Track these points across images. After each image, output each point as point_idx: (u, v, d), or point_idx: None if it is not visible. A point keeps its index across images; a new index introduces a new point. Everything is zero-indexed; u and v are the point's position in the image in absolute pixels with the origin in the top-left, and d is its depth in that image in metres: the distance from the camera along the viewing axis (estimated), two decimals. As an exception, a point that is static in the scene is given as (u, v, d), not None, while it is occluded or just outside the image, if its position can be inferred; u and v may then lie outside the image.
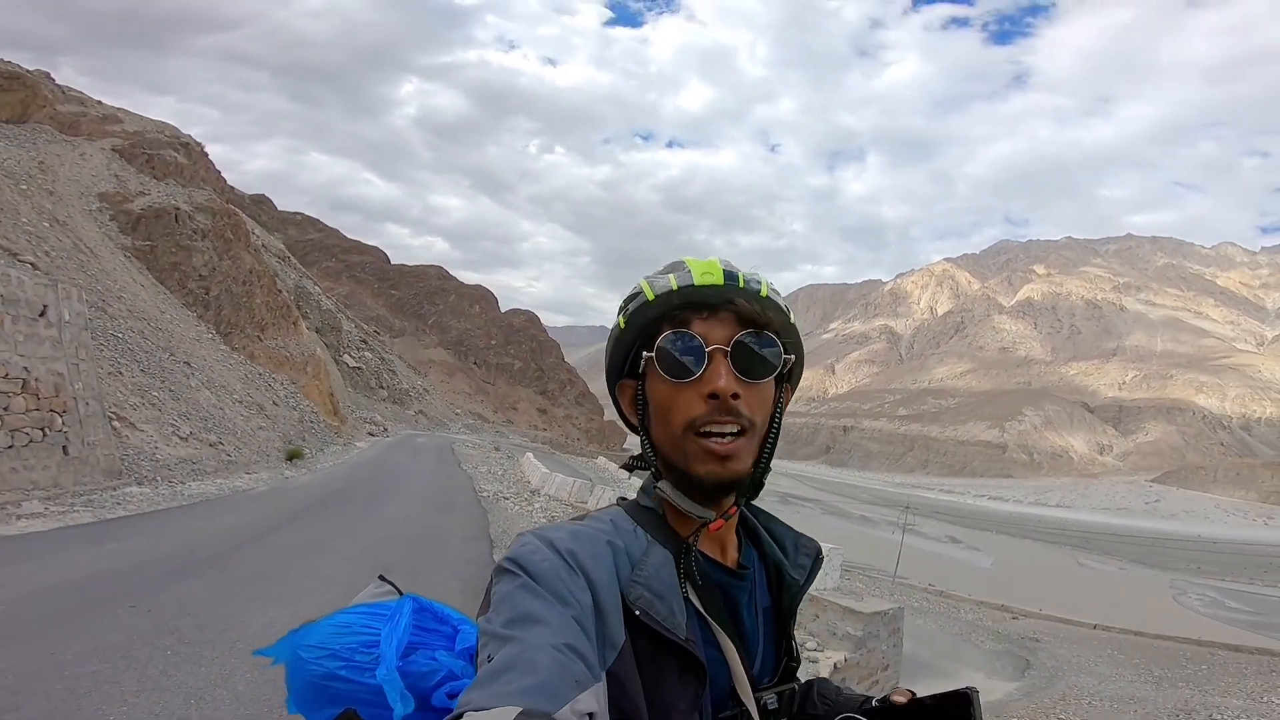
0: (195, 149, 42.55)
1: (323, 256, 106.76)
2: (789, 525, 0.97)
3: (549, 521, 0.75)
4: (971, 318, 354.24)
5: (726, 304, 0.80)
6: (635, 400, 0.86)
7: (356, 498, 15.25)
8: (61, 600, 5.60)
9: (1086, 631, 26.54)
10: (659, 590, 0.75)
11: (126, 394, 15.90)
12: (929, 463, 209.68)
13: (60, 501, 9.85)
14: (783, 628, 0.90)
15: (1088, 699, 16.64)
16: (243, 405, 23.30)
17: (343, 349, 58.80)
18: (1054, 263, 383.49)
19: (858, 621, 11.12)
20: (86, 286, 17.89)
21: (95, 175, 31.01)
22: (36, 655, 4.43)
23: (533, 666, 0.59)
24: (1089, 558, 67.00)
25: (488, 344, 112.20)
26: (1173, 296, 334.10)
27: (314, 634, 0.96)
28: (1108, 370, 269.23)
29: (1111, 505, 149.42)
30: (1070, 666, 20.38)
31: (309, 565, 8.12)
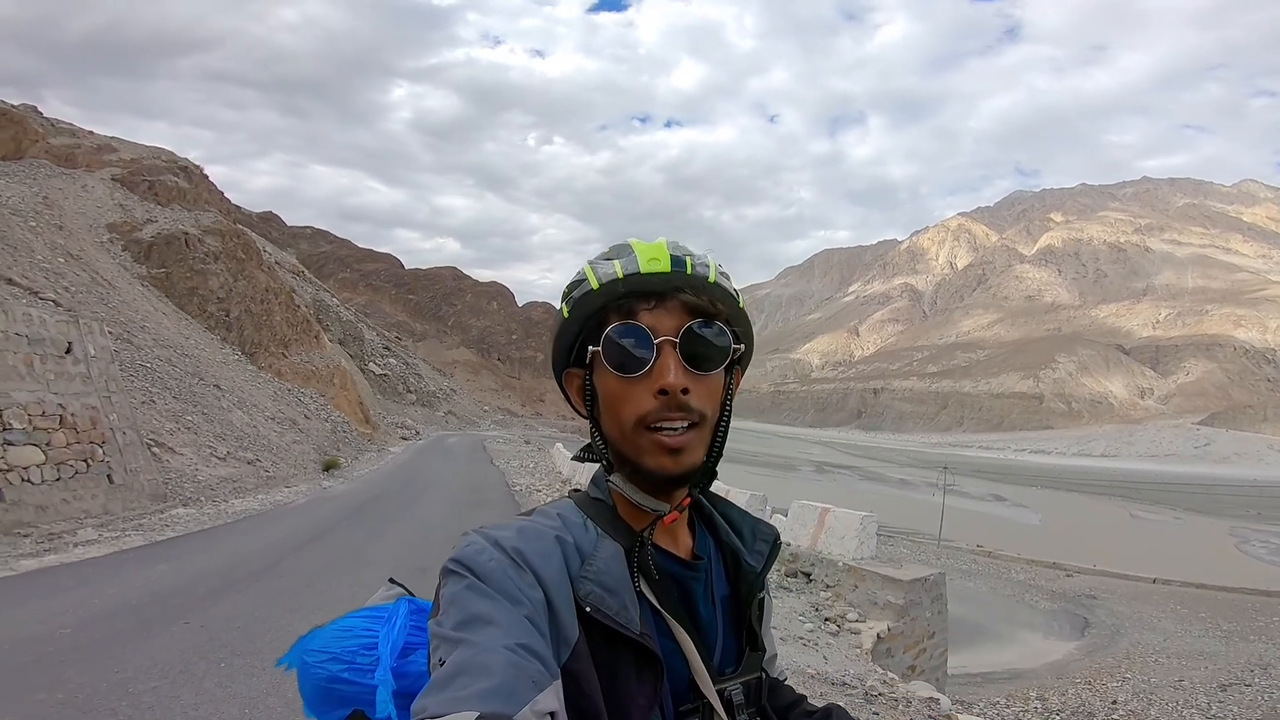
0: (195, 172, 42.79)
1: (337, 268, 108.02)
2: (745, 511, 0.94)
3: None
4: (993, 269, 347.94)
5: (674, 292, 0.77)
6: (583, 390, 0.83)
7: (392, 502, 15.50)
8: (121, 621, 5.81)
9: (1146, 586, 26.00)
10: (610, 585, 0.74)
11: (162, 420, 16.28)
12: (965, 419, 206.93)
13: (112, 527, 10.14)
14: (743, 616, 0.88)
15: (1154, 656, 16.33)
16: (275, 422, 23.75)
17: (367, 358, 59.60)
18: (1071, 209, 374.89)
19: (898, 589, 11.03)
20: (109, 319, 18.27)
21: (100, 206, 31.27)
22: (103, 674, 4.62)
23: (487, 669, 0.59)
24: (1141, 508, 65.46)
25: (509, 339, 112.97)
26: (1198, 235, 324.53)
27: (318, 639, 0.95)
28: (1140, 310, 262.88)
29: (1159, 452, 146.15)
30: (1132, 623, 20.03)
31: (349, 572, 8.27)
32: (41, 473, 9.98)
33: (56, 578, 7.28)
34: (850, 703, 6.19)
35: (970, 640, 17.00)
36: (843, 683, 6.64)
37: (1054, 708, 12.12)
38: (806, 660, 6.96)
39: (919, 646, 11.56)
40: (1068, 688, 14.01)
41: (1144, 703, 12.46)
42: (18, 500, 9.42)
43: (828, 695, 5.88)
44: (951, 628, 12.58)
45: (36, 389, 10.43)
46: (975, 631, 18.08)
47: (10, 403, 9.75)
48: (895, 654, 10.78)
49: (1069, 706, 12.24)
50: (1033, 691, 13.48)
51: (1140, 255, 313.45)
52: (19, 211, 23.85)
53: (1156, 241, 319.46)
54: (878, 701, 6.39)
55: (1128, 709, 11.96)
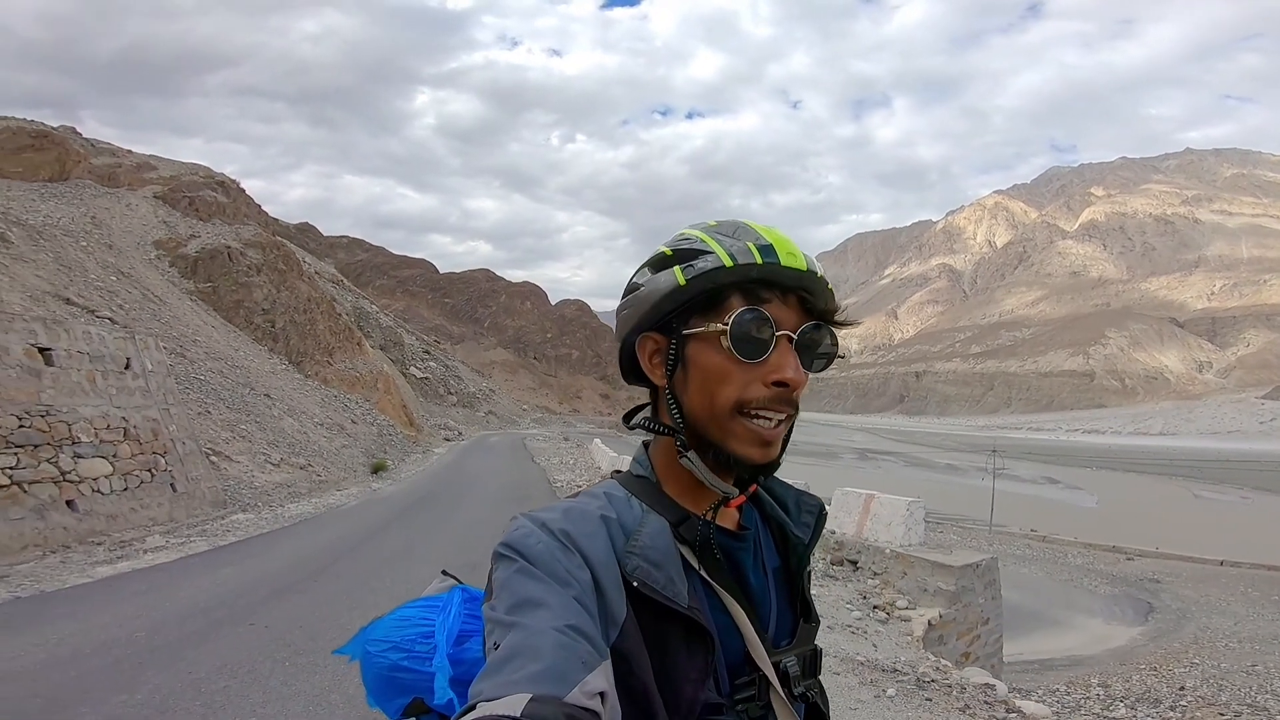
0: (232, 186, 43.63)
1: (374, 275, 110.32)
2: (789, 484, 0.94)
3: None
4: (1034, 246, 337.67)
5: (800, 289, 0.78)
6: (660, 355, 0.82)
7: (439, 502, 15.80)
8: (192, 623, 6.06)
9: (1213, 569, 24.93)
10: (655, 559, 0.74)
11: (218, 430, 16.88)
12: (1012, 400, 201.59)
13: (178, 534, 10.54)
14: (795, 588, 0.88)
15: (1224, 640, 15.67)
16: (324, 427, 24.41)
17: (408, 362, 60.75)
18: (1112, 184, 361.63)
19: (949, 576, 10.81)
20: (162, 334, 18.97)
21: (146, 224, 32.07)
22: (178, 674, 4.83)
23: (538, 652, 0.59)
24: (1204, 488, 62.74)
25: (543, 338, 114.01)
26: (1249, 205, 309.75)
27: (379, 629, 0.99)
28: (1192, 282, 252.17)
29: (1221, 428, 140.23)
30: (1199, 607, 19.26)
31: (401, 570, 8.47)
32: (110, 483, 10.44)
33: (130, 583, 7.60)
34: (901, 689, 6.11)
35: (1027, 627, 16.57)
36: (894, 669, 6.56)
37: (1117, 694, 11.75)
38: (855, 648, 6.89)
39: (973, 633, 11.32)
40: (1131, 674, 13.58)
41: (1214, 688, 11.99)
42: (90, 510, 9.88)
43: (878, 682, 5.82)
44: (1007, 614, 12.28)
45: (100, 403, 10.91)
46: (1032, 618, 17.61)
47: (78, 417, 10.22)
48: (948, 641, 10.58)
49: (1133, 693, 11.85)
50: (1094, 678, 13.10)
51: (1189, 227, 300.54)
52: (70, 232, 24.84)
53: (1205, 213, 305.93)
54: (930, 688, 6.30)
55: (1197, 695, 11.51)
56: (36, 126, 34.17)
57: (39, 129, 34.00)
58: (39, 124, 34.86)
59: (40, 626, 5.90)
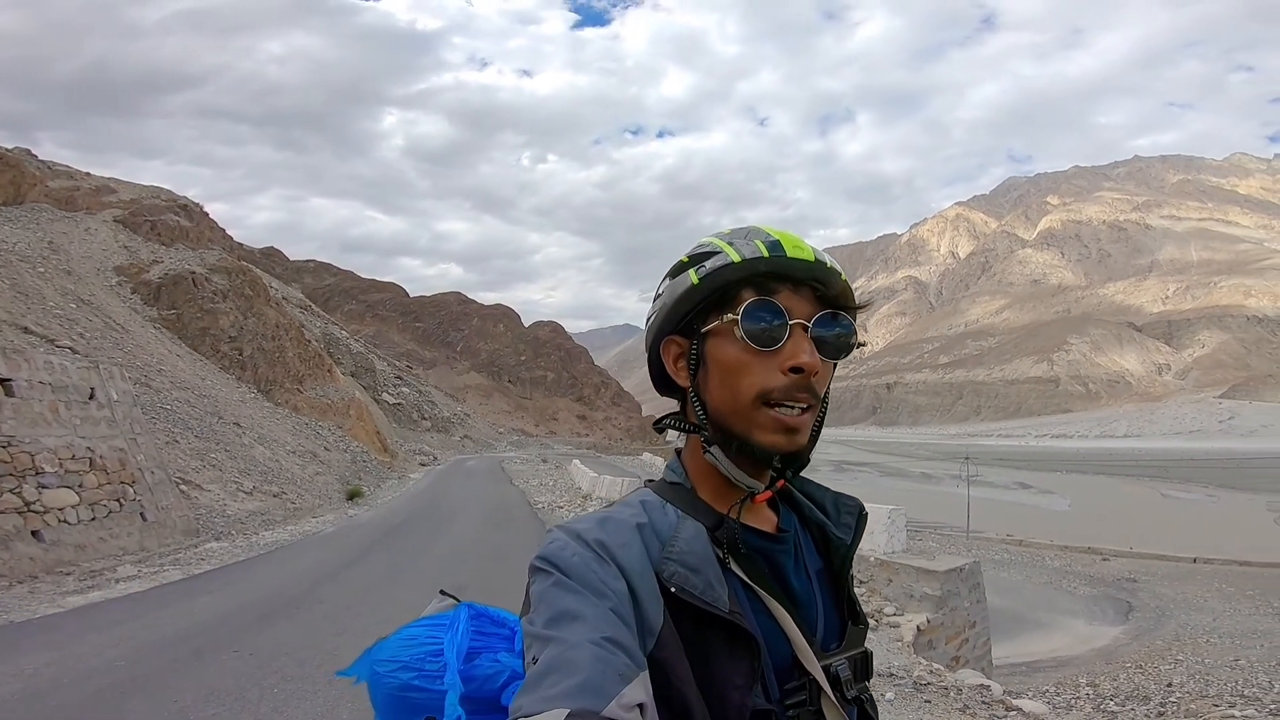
0: (195, 210, 42.76)
1: (343, 300, 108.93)
2: (825, 486, 0.93)
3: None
4: (995, 255, 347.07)
5: (812, 281, 0.78)
6: (684, 358, 0.83)
7: (419, 527, 15.51)
8: (173, 651, 5.85)
9: (1187, 566, 25.51)
10: (693, 564, 0.72)
11: (187, 459, 16.40)
12: (981, 408, 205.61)
13: (150, 563, 10.23)
14: (840, 590, 0.86)
15: (1205, 636, 15.96)
16: (296, 455, 23.87)
17: (380, 388, 59.86)
18: (1067, 192, 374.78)
19: (934, 581, 10.88)
20: (126, 363, 18.39)
21: (105, 249, 31.09)
22: (162, 703, 4.67)
23: (575, 666, 0.59)
24: (1171, 487, 64.47)
25: (518, 360, 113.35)
26: (1195, 209, 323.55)
27: (386, 649, 0.97)
28: (1147, 286, 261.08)
29: (1183, 429, 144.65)
30: (1177, 605, 19.64)
31: (386, 595, 8.28)
32: (77, 513, 10.09)
33: (104, 613, 7.34)
34: (900, 692, 6.13)
35: (1011, 630, 16.72)
36: (889, 674, 6.58)
37: (1106, 693, 11.87)
38: (848, 654, 6.91)
39: (961, 637, 11.38)
40: (1118, 672, 13.74)
41: (1201, 684, 12.18)
42: (57, 540, 9.50)
43: (875, 686, 5.80)
44: (991, 618, 12.38)
45: (64, 434, 10.54)
46: (1015, 621, 17.78)
47: (40, 448, 9.85)
48: (937, 645, 10.62)
49: (1122, 691, 11.98)
50: (1082, 678, 13.24)
51: (1141, 232, 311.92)
52: (26, 258, 23.95)
53: (1155, 218, 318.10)
54: (927, 690, 6.32)
55: (1184, 690, 11.68)
56: (-10, 149, 33.24)
57: (-8, 151, 33.06)
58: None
59: (14, 657, 5.64)
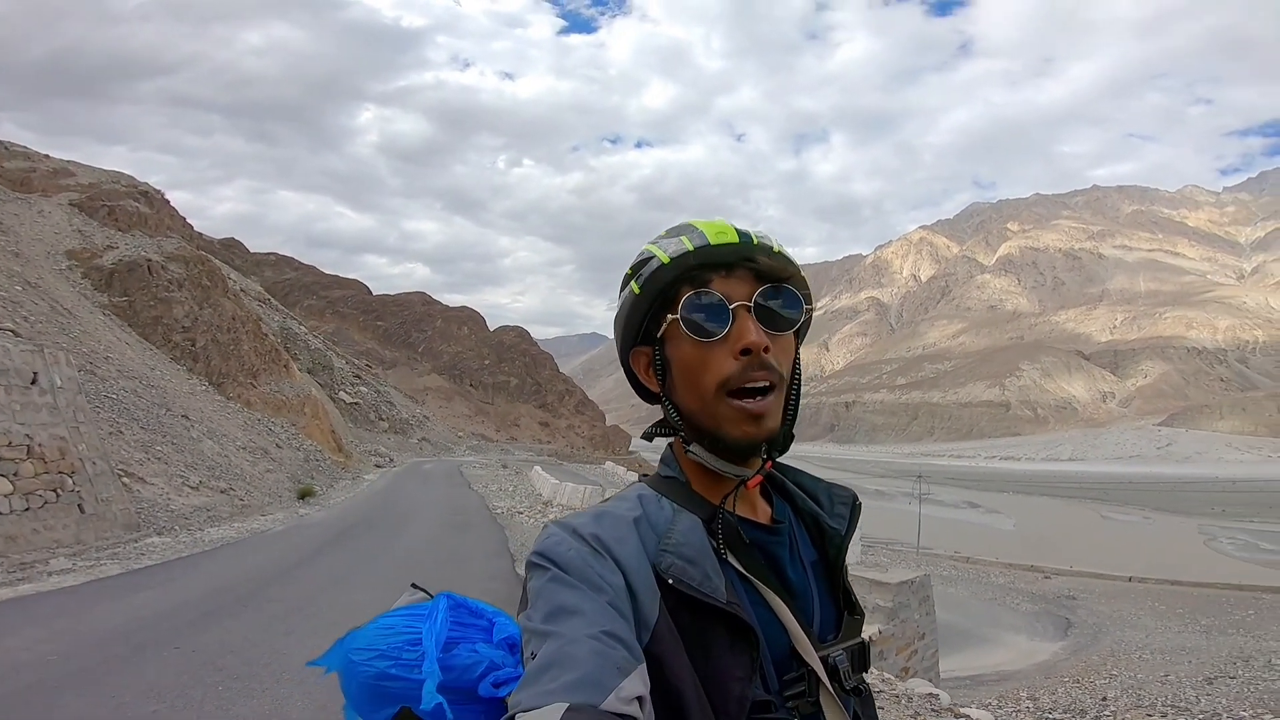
0: (156, 197, 41.49)
1: (303, 295, 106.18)
2: (818, 477, 0.93)
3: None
4: (955, 280, 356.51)
5: (744, 261, 0.79)
6: (652, 366, 0.84)
7: (374, 528, 15.17)
8: (109, 648, 5.62)
9: (1122, 585, 26.54)
10: (690, 556, 0.73)
11: (131, 451, 15.77)
12: (935, 429, 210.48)
13: (86, 557, 9.79)
14: (836, 581, 0.87)
15: (1137, 652, 16.56)
16: (247, 451, 23.15)
17: (337, 386, 58.43)
18: (1027, 219, 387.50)
19: (886, 593, 11.08)
20: (72, 349, 17.63)
21: (58, 232, 30.02)
22: (99, 699, 4.48)
23: (573, 660, 0.60)
24: (1111, 509, 66.98)
25: (481, 364, 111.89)
26: (1146, 240, 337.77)
27: (361, 638, 0.97)
28: (1096, 316, 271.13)
29: (1124, 454, 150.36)
30: (1113, 621, 20.35)
31: (338, 595, 8.06)
32: (10, 503, 9.63)
33: (36, 606, 7.02)
34: (851, 701, 6.18)
35: (957, 644, 17.12)
36: (842, 682, 6.62)
37: (1045, 707, 12.22)
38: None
39: (910, 648, 11.60)
40: (1057, 687, 14.17)
41: (1133, 698, 12.64)
42: (-15, 533, 9.04)
43: (830, 694, 5.89)
44: (938, 632, 12.66)
45: (2, 420, 10.06)
46: (961, 635, 18.22)
47: (-25, 434, 9.38)
48: (888, 656, 10.81)
49: (1060, 705, 12.35)
50: (1023, 692, 13.62)
51: (1094, 262, 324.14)
52: (-27, 239, 23.01)
53: (1108, 248, 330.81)
54: (879, 698, 6.41)
55: (1118, 704, 12.10)
56: (-57, 129, 31.79)
57: (-54, 130, 31.64)
58: (-53, 126, 32.48)
59: (-67, 651, 5.34)
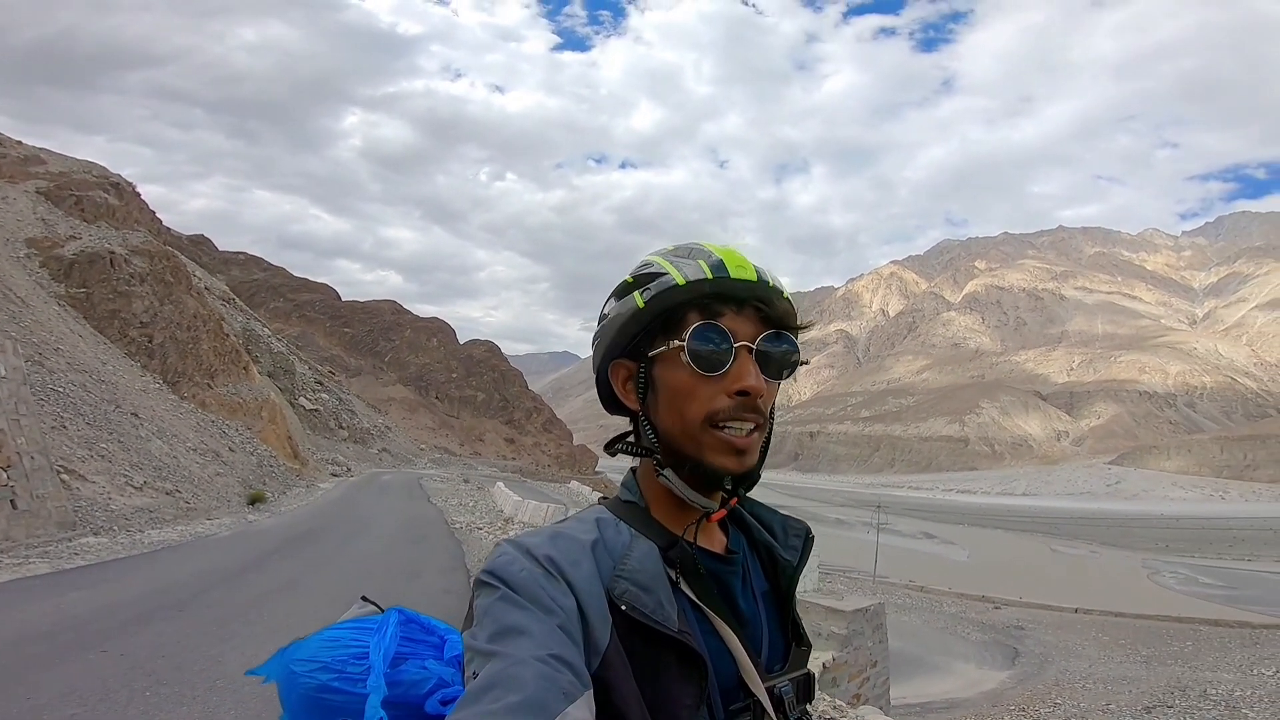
0: (126, 189, 40.73)
1: (270, 297, 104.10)
2: (774, 509, 0.95)
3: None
4: (922, 316, 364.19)
5: (755, 300, 0.79)
6: (632, 381, 0.83)
7: (326, 537, 14.80)
8: (30, 648, 5.39)
9: (1069, 616, 27.12)
10: (644, 583, 0.73)
11: (73, 447, 15.16)
12: (896, 461, 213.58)
13: (13, 554, 9.38)
14: (786, 612, 0.88)
15: (1080, 682, 16.93)
16: (197, 453, 22.42)
17: (297, 392, 57.15)
18: (994, 258, 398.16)
19: (841, 620, 11.18)
20: (21, 339, 17.03)
21: (20, 220, 29.32)
22: (14, 700, 4.30)
23: (518, 682, 0.58)
24: (1060, 543, 68.60)
25: (448, 377, 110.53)
26: (1105, 282, 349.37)
27: (305, 649, 0.96)
28: (1055, 357, 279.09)
29: (1075, 490, 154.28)
30: (1058, 651, 20.78)
31: (283, 604, 7.84)
32: (-64, 496, 9.14)
33: (-47, 603, 6.66)
34: (802, 727, 6.18)
35: (909, 671, 17.26)
36: (793, 708, 6.62)
37: (990, 735, 12.40)
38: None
39: (863, 675, 11.67)
40: (1003, 715, 14.36)
41: (1075, 727, 12.88)
42: (-94, 526, 8.57)
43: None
44: (890, 660, 12.77)
45: (-65, 407, 9.60)
46: (913, 663, 18.39)
47: (-96, 421, 8.94)
48: (840, 683, 10.86)
49: (1005, 733, 12.54)
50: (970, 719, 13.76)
51: (1056, 303, 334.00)
52: (-72, 222, 22.20)
53: (1070, 289, 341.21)
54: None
55: (1060, 733, 12.33)
56: (-95, 110, 30.81)
57: (-89, 111, 30.64)
58: (-88, 106, 31.48)
59: None
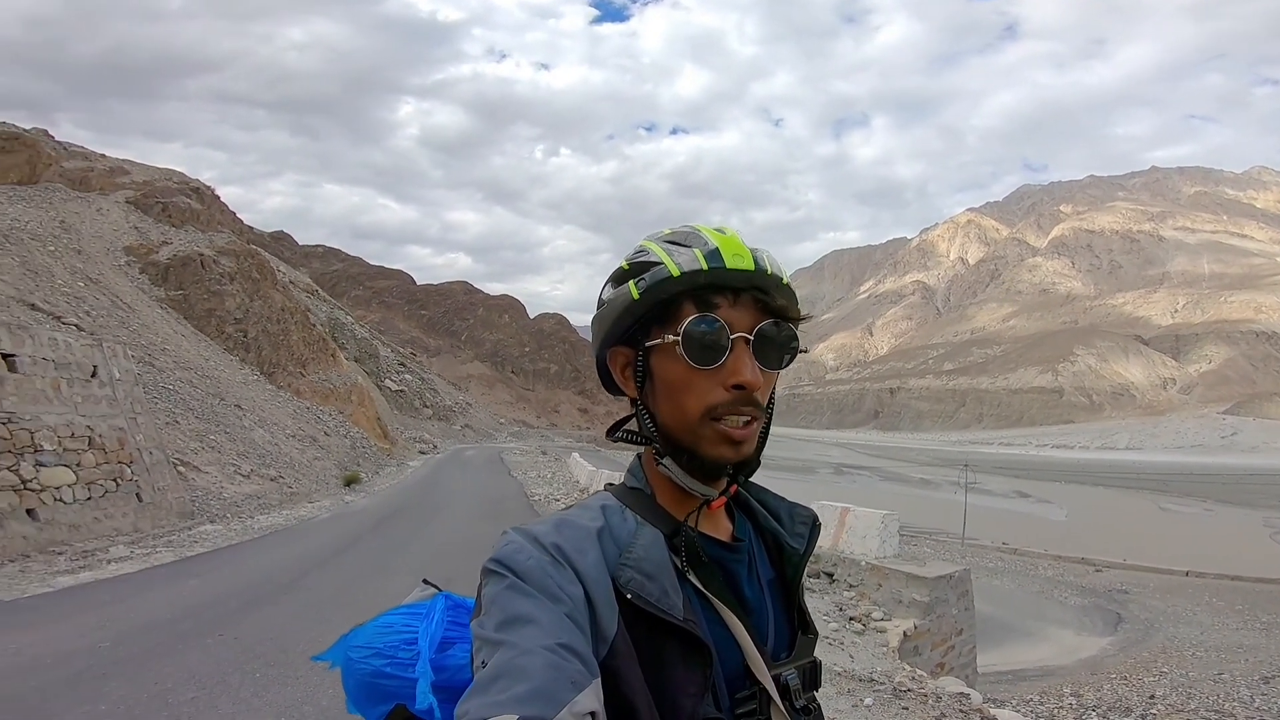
0: (207, 193, 42.86)
1: (350, 286, 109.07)
2: (781, 496, 0.94)
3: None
4: (1005, 262, 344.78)
5: (752, 289, 0.77)
6: (630, 368, 0.83)
7: (413, 515, 15.58)
8: (157, 635, 5.91)
9: (1179, 580, 25.49)
10: (649, 571, 0.72)
11: (186, 440, 16.50)
12: (984, 416, 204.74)
13: (143, 544, 10.31)
14: (792, 600, 0.87)
15: (1190, 649, 15.98)
16: (296, 439, 23.98)
17: (383, 374, 59.99)
18: (1080, 201, 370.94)
19: (923, 587, 10.92)
20: (131, 342, 18.51)
21: (116, 229, 31.16)
22: (143, 686, 4.71)
23: (525, 672, 0.58)
24: (1170, 501, 64.23)
25: (521, 351, 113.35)
26: (1209, 221, 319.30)
27: (361, 635, 0.98)
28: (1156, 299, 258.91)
29: (1185, 443, 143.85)
30: (1166, 617, 19.66)
31: (374, 583, 8.33)
32: (73, 492, 10.16)
33: (93, 593, 7.40)
34: (878, 698, 6.16)
35: (999, 638, 16.78)
36: (870, 679, 6.59)
37: (1089, 703, 11.91)
38: (833, 658, 6.94)
39: (947, 644, 11.43)
40: (1103, 683, 13.78)
41: (1183, 696, 12.21)
42: (51, 519, 9.59)
43: (855, 691, 5.87)
44: (980, 626, 12.42)
45: (65, 411, 10.63)
46: (1004, 629, 17.85)
47: (40, 425, 9.94)
48: (923, 651, 10.68)
49: (1105, 702, 12.01)
50: (1066, 688, 13.28)
51: (1154, 244, 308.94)
52: (38, 236, 24.12)
53: (1168, 230, 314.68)
54: (906, 697, 6.34)
55: (1166, 703, 11.71)
56: (7, 129, 33.27)
57: (10, 131, 33.10)
58: (10, 126, 33.93)
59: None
